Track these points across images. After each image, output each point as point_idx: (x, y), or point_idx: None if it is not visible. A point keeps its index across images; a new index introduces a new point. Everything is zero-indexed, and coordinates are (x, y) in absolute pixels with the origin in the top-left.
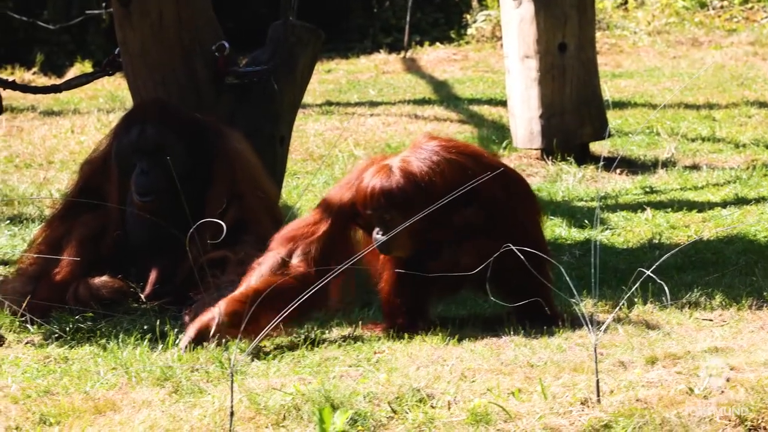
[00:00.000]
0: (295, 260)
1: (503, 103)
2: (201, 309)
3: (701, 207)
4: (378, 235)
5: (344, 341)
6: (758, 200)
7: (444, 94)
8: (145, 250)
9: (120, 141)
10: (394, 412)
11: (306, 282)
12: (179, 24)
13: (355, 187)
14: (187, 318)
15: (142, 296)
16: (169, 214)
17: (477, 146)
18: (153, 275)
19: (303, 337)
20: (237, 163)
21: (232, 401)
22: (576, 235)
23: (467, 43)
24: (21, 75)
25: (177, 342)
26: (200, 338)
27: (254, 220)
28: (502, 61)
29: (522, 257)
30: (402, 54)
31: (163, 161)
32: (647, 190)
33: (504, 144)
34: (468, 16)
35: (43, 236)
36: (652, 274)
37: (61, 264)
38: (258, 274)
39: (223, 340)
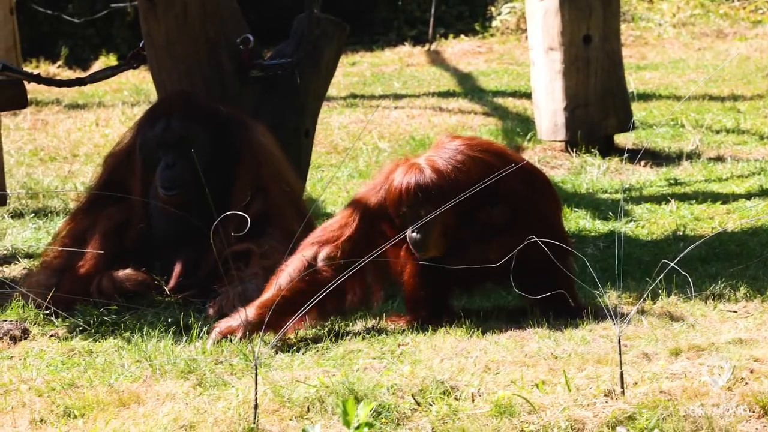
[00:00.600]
0: (321, 263)
1: (528, 96)
2: (225, 302)
3: (726, 199)
4: (414, 234)
5: (368, 333)
6: None
7: (468, 87)
8: (170, 242)
9: (145, 134)
10: (418, 404)
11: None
12: (204, 16)
13: (386, 188)
14: (211, 311)
15: (167, 289)
16: (193, 207)
17: (499, 143)
18: (177, 268)
19: (327, 329)
20: (261, 156)
21: (256, 394)
22: (600, 227)
23: (492, 35)
24: (46, 68)
25: (201, 335)
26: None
27: (278, 213)
28: (527, 54)
29: (546, 250)
30: (426, 46)
31: (188, 154)
32: (671, 181)
33: (528, 136)
34: (492, 9)
35: (68, 229)
36: (676, 266)
37: (86, 257)
38: (286, 278)
39: (248, 333)
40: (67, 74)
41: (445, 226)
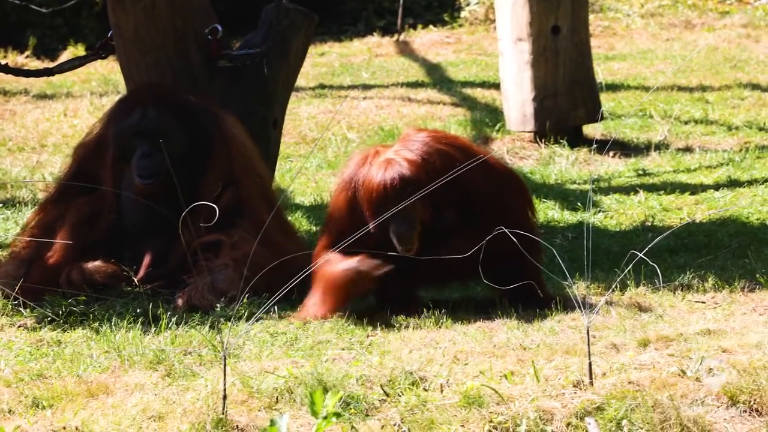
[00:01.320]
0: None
1: (496, 86)
2: (194, 292)
3: (694, 189)
4: (400, 229)
5: (337, 324)
6: (751, 182)
7: (437, 77)
8: (140, 233)
9: (120, 124)
10: (387, 394)
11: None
12: (172, 7)
13: (360, 184)
14: (180, 301)
15: (135, 280)
16: (164, 197)
17: (464, 138)
18: (146, 259)
19: (295, 319)
20: (233, 148)
21: (225, 384)
22: (569, 217)
23: (460, 26)
24: (14, 58)
25: (170, 325)
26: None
27: (249, 204)
28: (496, 44)
29: (516, 242)
30: (395, 37)
31: (164, 144)
32: (640, 172)
33: (497, 127)
34: None
35: (36, 220)
36: (644, 257)
37: (54, 248)
38: None
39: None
40: (36, 64)
41: (422, 221)
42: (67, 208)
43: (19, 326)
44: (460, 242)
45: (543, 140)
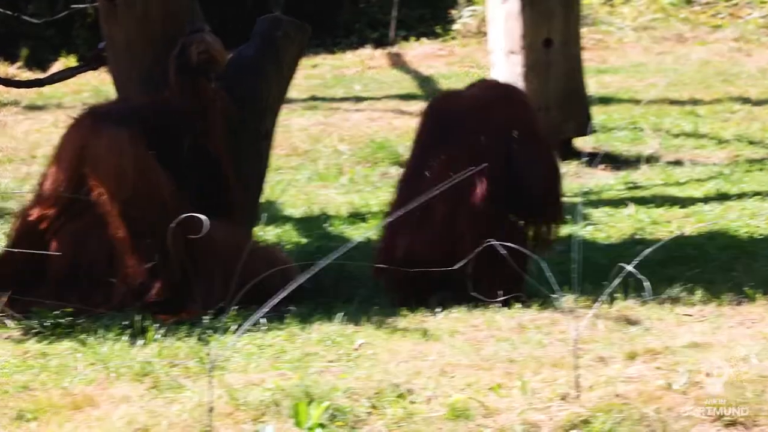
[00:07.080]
0: None
1: None
2: None
3: (684, 202)
4: None
5: (324, 336)
6: (740, 196)
7: (429, 90)
8: None
9: None
10: (374, 407)
11: None
12: (165, 18)
13: None
14: None
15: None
16: None
17: None
18: None
19: (283, 332)
20: None
21: (211, 397)
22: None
23: (453, 38)
24: (5, 69)
25: (156, 338)
26: None
27: None
28: (488, 57)
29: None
30: (388, 49)
31: None
32: (630, 185)
33: None
34: (454, 12)
35: None
36: (633, 270)
37: None
38: None
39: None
40: (27, 75)
41: None
42: None
43: (5, 338)
44: None
45: None
